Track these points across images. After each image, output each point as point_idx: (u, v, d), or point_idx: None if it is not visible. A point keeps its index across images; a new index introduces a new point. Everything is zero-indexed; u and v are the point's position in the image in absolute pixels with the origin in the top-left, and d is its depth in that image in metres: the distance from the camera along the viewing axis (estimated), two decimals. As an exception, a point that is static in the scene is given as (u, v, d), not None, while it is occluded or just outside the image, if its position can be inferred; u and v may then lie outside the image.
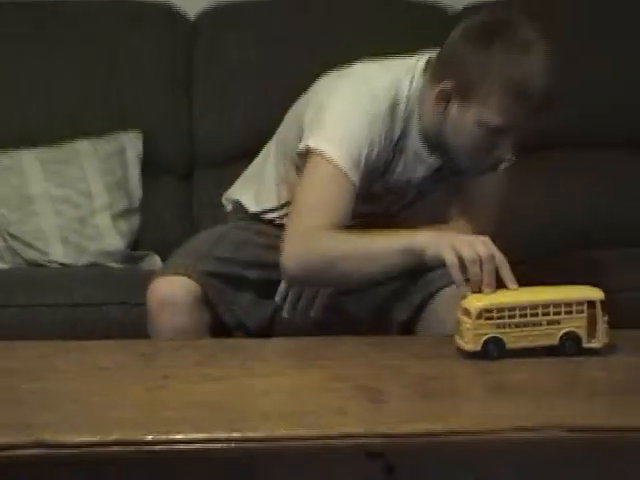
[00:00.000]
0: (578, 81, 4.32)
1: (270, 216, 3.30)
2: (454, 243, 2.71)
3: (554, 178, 4.30)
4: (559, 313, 2.61)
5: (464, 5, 4.43)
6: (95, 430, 2.19)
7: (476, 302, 2.60)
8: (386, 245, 2.88)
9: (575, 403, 2.39)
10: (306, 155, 3.01)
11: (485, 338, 2.58)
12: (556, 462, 2.27)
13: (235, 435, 2.17)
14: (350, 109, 3.00)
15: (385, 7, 4.39)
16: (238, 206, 3.41)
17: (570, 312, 2.61)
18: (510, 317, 2.60)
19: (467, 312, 2.60)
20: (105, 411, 2.32)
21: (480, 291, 2.65)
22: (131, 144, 4.18)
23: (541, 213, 4.21)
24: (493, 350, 2.58)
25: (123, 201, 4.08)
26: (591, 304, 2.61)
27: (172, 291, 3.02)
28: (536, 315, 2.61)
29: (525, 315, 2.60)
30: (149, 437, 2.16)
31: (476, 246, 2.69)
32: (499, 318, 2.59)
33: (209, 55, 4.33)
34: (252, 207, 3.35)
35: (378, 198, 3.22)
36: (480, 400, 2.45)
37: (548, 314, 2.61)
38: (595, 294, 2.64)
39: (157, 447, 2.15)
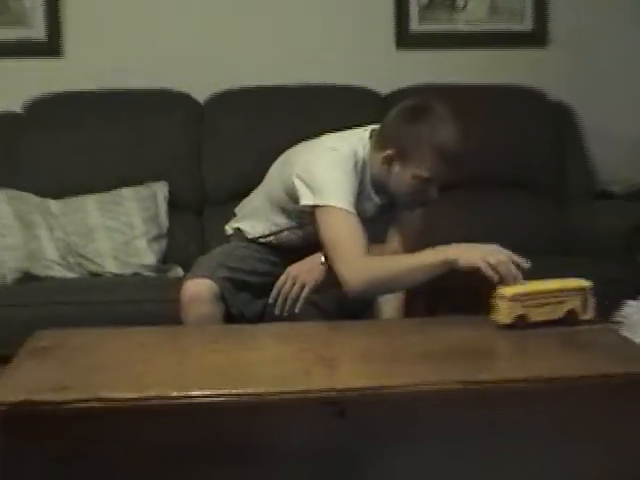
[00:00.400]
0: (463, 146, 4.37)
1: (262, 240, 3.33)
2: (482, 253, 2.75)
3: (460, 209, 4.30)
4: (563, 296, 2.72)
5: (392, 90, 4.44)
6: (136, 388, 2.24)
7: (509, 290, 2.67)
8: (425, 260, 2.84)
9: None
10: (314, 210, 3.00)
11: (515, 314, 2.65)
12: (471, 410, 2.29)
13: (234, 391, 2.23)
14: (334, 171, 3.01)
15: (336, 93, 4.42)
16: (238, 232, 3.42)
17: (569, 296, 2.72)
18: (531, 300, 2.67)
19: (503, 297, 2.67)
20: (143, 375, 2.36)
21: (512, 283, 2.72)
22: (160, 190, 4.19)
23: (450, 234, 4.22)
24: (520, 323, 2.65)
25: (155, 230, 4.09)
26: (582, 290, 2.73)
27: (198, 290, 3.07)
28: (548, 298, 2.70)
29: (541, 298, 2.68)
30: (174, 393, 2.21)
31: (498, 254, 2.75)
32: (524, 301, 2.66)
33: (213, 128, 4.34)
34: (250, 234, 3.36)
35: None
36: (408, 363, 2.44)
37: (556, 297, 2.71)
38: (586, 284, 2.75)
39: (180, 401, 2.20)
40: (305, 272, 3.10)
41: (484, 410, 2.29)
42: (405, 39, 4.74)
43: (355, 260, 2.88)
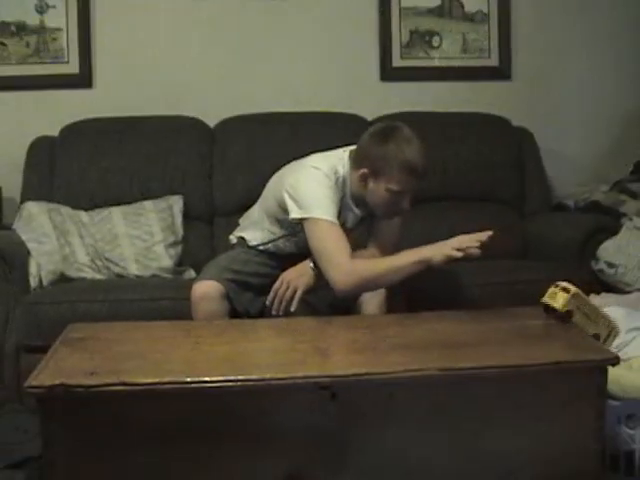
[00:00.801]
0: (439, 164, 4.40)
1: (261, 247, 3.32)
2: (451, 245, 2.82)
3: (434, 218, 4.31)
4: (600, 319, 2.76)
5: (377, 116, 4.45)
6: (156, 374, 2.25)
7: (573, 289, 2.69)
8: (406, 260, 2.90)
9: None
10: (301, 222, 3.02)
11: (567, 308, 2.67)
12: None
13: (240, 377, 2.24)
14: (317, 187, 3.03)
15: (329, 118, 4.42)
16: (242, 240, 3.41)
17: (605, 323, 2.78)
18: (583, 305, 2.71)
19: (566, 290, 2.70)
20: (162, 363, 2.37)
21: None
22: (176, 203, 4.17)
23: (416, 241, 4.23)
24: (564, 316, 2.68)
25: (172, 237, 4.08)
26: (614, 328, 2.80)
27: (207, 290, 3.06)
28: (592, 312, 2.74)
29: (588, 309, 2.73)
30: (188, 379, 2.22)
31: (461, 239, 2.83)
32: (579, 302, 2.70)
33: (222, 149, 4.31)
34: (251, 242, 3.36)
35: None
36: (391, 353, 2.45)
37: (596, 316, 2.76)
38: (618, 327, 2.83)
39: (193, 385, 2.21)
40: (297, 277, 3.09)
41: (458, 393, 2.31)
42: (388, 73, 4.74)
43: (341, 264, 2.90)
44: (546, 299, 2.74)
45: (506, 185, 4.50)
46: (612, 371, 2.41)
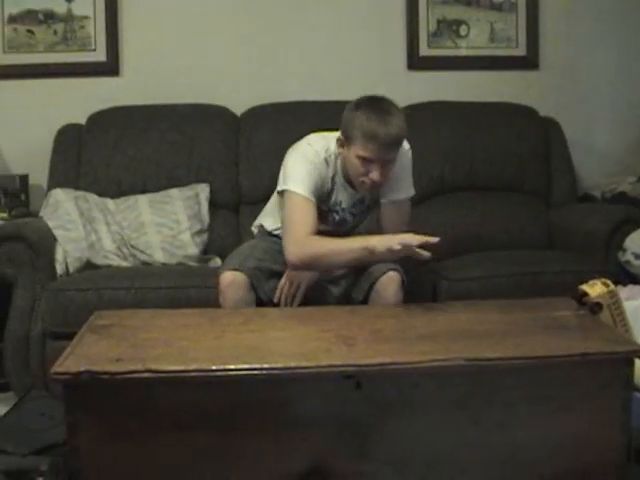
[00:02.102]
0: (466, 154, 4.39)
1: (276, 232, 3.35)
2: (396, 239, 2.91)
3: (454, 208, 4.33)
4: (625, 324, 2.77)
5: (404, 105, 4.43)
6: (181, 362, 2.25)
7: (611, 285, 2.73)
8: (352, 245, 3.02)
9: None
10: (283, 194, 3.12)
11: (599, 299, 2.70)
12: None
13: (265, 366, 2.24)
14: (299, 162, 3.12)
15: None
16: (261, 228, 3.46)
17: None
18: (614, 304, 2.73)
19: (605, 284, 2.73)
20: (187, 351, 2.37)
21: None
22: (202, 191, 4.18)
23: (444, 230, 4.23)
24: (594, 306, 2.71)
25: (198, 225, 4.09)
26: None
27: (234, 278, 3.06)
28: (619, 316, 2.75)
29: (617, 311, 2.75)
30: (213, 367, 2.21)
31: (404, 235, 2.93)
32: (612, 300, 2.72)
33: (248, 138, 4.32)
34: (269, 228, 3.42)
35: (325, 216, 3.28)
36: (416, 342, 2.44)
37: (622, 321, 2.77)
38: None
39: (218, 373, 2.21)
40: (300, 274, 3.14)
41: (483, 384, 2.30)
42: (415, 62, 4.72)
43: (297, 238, 3.00)
44: (584, 286, 2.74)
45: (533, 175, 4.47)
46: (638, 363, 2.39)
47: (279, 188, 3.15)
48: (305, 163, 3.11)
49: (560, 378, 2.32)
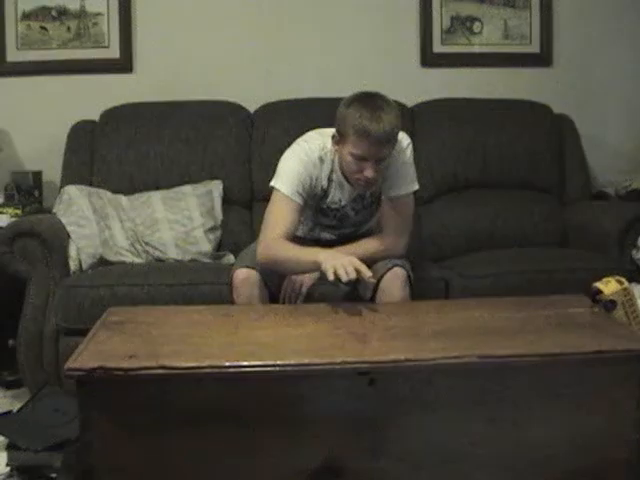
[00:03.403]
0: (480, 150, 4.38)
1: None
2: (335, 261, 2.83)
3: (467, 206, 4.32)
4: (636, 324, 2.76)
5: (417, 102, 4.45)
6: (194, 358, 2.25)
7: (625, 283, 2.73)
8: (306, 256, 3.00)
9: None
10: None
11: (613, 297, 2.69)
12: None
13: (278, 362, 2.24)
14: (290, 160, 3.15)
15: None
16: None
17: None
18: (628, 302, 2.73)
19: (619, 282, 2.72)
20: (201, 347, 2.37)
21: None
22: (216, 188, 4.18)
23: (457, 227, 4.23)
24: (608, 304, 2.71)
25: (211, 222, 4.09)
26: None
27: (248, 276, 3.07)
28: (632, 314, 2.74)
29: (630, 309, 2.73)
30: (227, 363, 2.22)
31: (342, 261, 2.83)
32: (625, 298, 2.72)
33: (261, 134, 4.32)
34: None
35: (326, 213, 3.29)
36: (429, 339, 2.44)
37: (636, 319, 2.76)
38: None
39: (231, 369, 2.21)
40: (300, 276, 3.17)
41: (497, 381, 2.30)
42: (429, 58, 4.72)
43: (267, 237, 3.06)
44: (598, 283, 2.73)
45: (546, 172, 4.46)
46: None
47: (270, 184, 3.17)
48: (296, 162, 3.12)
49: (574, 375, 2.31)
